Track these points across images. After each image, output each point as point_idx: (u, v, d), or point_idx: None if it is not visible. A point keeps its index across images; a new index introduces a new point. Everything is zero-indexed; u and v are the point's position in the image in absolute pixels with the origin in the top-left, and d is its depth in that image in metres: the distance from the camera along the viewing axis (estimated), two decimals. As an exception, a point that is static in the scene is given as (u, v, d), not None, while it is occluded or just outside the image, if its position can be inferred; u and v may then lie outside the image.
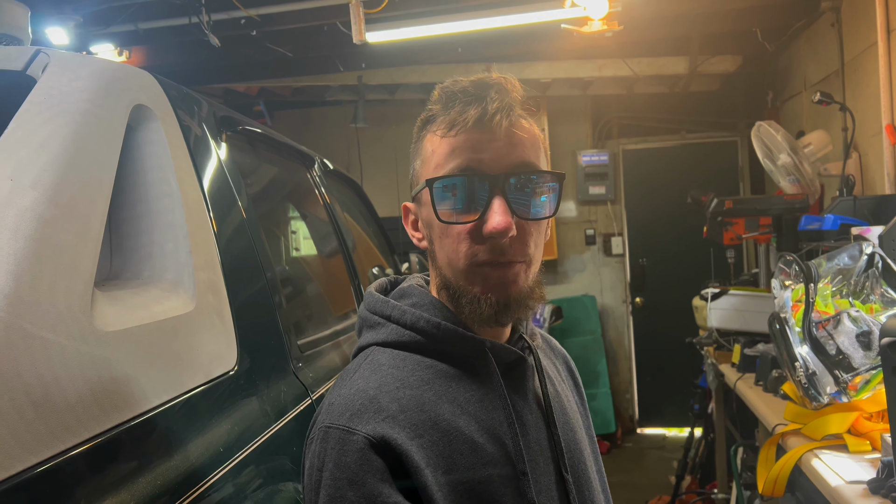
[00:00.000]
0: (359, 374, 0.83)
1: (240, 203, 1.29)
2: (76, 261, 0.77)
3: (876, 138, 2.86)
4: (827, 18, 3.32)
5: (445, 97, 0.84)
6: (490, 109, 0.80)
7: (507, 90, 0.83)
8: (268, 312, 1.27)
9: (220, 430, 0.94)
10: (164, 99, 1.16)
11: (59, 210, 0.78)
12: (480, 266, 0.81)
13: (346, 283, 2.06)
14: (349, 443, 0.75)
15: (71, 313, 0.73)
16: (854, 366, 1.65)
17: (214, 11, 3.04)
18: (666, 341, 5.03)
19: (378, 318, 0.88)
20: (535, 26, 3.26)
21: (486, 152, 0.80)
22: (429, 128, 0.86)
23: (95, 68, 1.04)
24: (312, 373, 1.36)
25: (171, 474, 0.78)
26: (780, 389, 2.11)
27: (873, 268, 1.78)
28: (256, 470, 0.98)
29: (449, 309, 0.86)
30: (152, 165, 1.06)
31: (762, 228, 2.93)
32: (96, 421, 0.71)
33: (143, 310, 0.87)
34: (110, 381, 0.75)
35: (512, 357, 0.87)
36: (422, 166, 0.86)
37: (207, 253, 1.08)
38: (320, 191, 2.07)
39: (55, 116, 0.89)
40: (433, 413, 0.79)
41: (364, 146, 5.14)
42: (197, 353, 0.96)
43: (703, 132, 5.04)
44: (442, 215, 0.81)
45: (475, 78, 0.84)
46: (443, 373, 0.83)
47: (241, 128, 1.53)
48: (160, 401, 0.83)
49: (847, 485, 1.43)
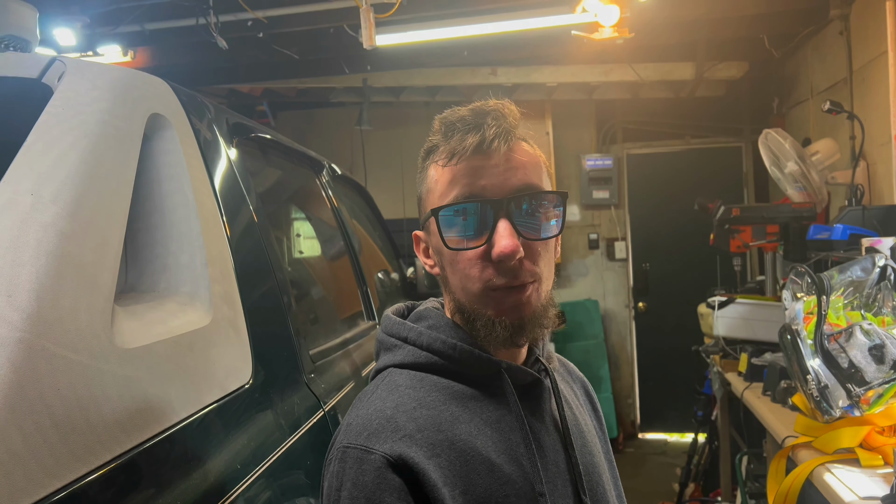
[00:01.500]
0: (376, 395, 0.84)
1: (253, 213, 1.28)
2: (96, 277, 0.76)
3: (885, 147, 2.85)
4: (835, 26, 3.31)
5: (445, 127, 0.86)
6: (488, 136, 0.81)
7: (504, 115, 0.84)
8: (281, 323, 1.26)
9: (236, 445, 0.92)
10: (178, 107, 1.15)
11: (80, 225, 0.77)
12: (494, 290, 0.82)
13: (355, 290, 2.05)
14: (367, 462, 0.75)
15: (92, 331, 0.72)
16: (867, 379, 1.64)
17: (222, 13, 3.03)
18: (668, 347, 5.03)
19: (395, 341, 0.89)
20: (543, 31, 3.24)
21: (488, 178, 0.82)
22: (432, 158, 0.88)
23: (112, 77, 1.03)
24: (324, 383, 1.35)
25: (191, 494, 0.77)
26: (789, 400, 2.10)
27: (885, 280, 1.77)
28: (273, 485, 0.97)
29: (465, 331, 0.87)
30: (168, 175, 1.05)
31: (769, 237, 2.93)
32: (117, 442, 0.70)
33: (160, 325, 0.86)
34: (131, 399, 0.74)
35: (528, 379, 0.88)
36: (427, 196, 0.88)
37: (223, 264, 1.07)
38: (329, 197, 2.06)
39: (73, 128, 0.87)
40: (450, 433, 0.79)
41: (368, 148, 5.13)
42: (213, 367, 0.95)
43: (707, 138, 5.03)
44: (450, 242, 0.82)
45: (472, 106, 0.87)
46: (459, 393, 0.84)
47: (252, 135, 1.52)
48: (178, 418, 0.82)
49: (861, 500, 1.42)
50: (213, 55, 3.48)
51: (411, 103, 4.94)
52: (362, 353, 1.74)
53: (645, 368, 5.28)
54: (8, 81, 1.03)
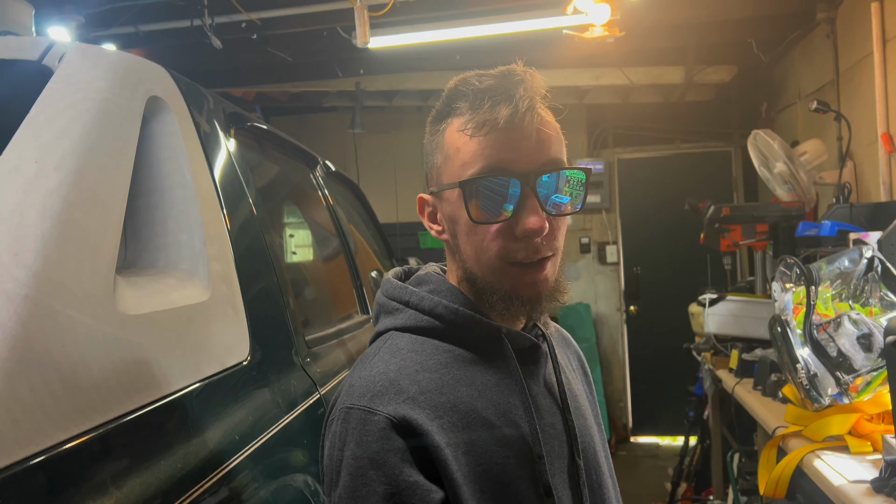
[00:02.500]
0: (378, 358, 0.84)
1: (249, 198, 1.30)
2: (99, 244, 0.77)
3: (871, 147, 2.89)
4: (822, 29, 3.36)
5: (473, 94, 0.82)
6: (521, 108, 0.79)
7: (535, 86, 0.82)
8: (277, 306, 1.27)
9: (235, 418, 0.94)
10: (176, 92, 1.17)
11: (83, 193, 0.78)
12: (513, 265, 0.82)
13: (349, 283, 2.07)
14: (370, 423, 0.76)
15: (95, 295, 0.73)
16: (855, 367, 1.67)
17: (216, 15, 3.05)
18: (660, 350, 5.05)
19: (396, 304, 0.89)
20: (534, 34, 3.28)
21: (517, 151, 0.80)
22: (450, 122, 0.85)
23: (111, 59, 1.05)
24: (320, 368, 1.36)
25: (192, 458, 0.78)
26: (779, 393, 2.12)
27: (873, 271, 1.80)
28: (271, 459, 0.98)
29: (466, 296, 0.87)
30: (166, 156, 1.06)
31: (759, 235, 2.96)
32: (120, 402, 0.71)
33: (161, 296, 0.87)
34: (133, 363, 0.75)
35: (527, 343, 0.89)
36: (445, 162, 0.85)
37: (220, 244, 1.08)
38: (323, 192, 2.07)
39: (75, 103, 0.89)
40: (452, 395, 0.80)
41: (361, 152, 5.15)
42: (212, 341, 0.96)
43: (697, 142, 5.08)
44: (474, 215, 0.81)
45: (499, 72, 0.84)
46: (460, 357, 0.85)
47: (249, 124, 1.54)
48: (178, 386, 0.83)
49: (850, 484, 1.44)
50: (206, 58, 3.50)
51: (404, 108, 4.97)
52: (357, 344, 1.75)
53: (636, 372, 5.30)
54: (9, 64, 1.04)
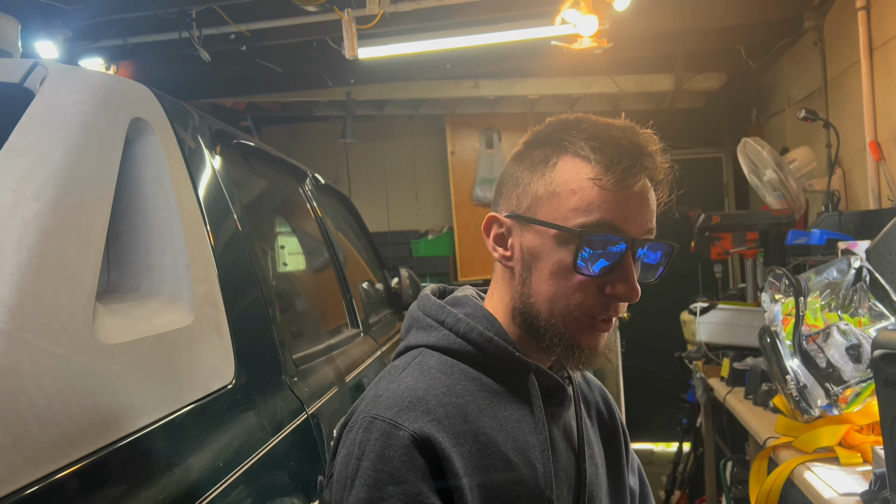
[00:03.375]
0: (407, 373, 0.84)
1: (235, 216, 1.29)
2: (78, 273, 0.76)
3: (860, 154, 2.90)
4: (810, 37, 3.38)
5: (612, 147, 0.82)
6: (655, 179, 0.83)
7: (656, 157, 0.84)
8: (264, 326, 1.26)
9: (219, 444, 0.93)
10: (160, 112, 1.16)
11: (61, 222, 0.77)
12: (586, 317, 0.83)
13: (339, 297, 2.06)
14: (394, 437, 0.75)
15: (74, 325, 0.72)
16: (844, 378, 1.67)
17: (205, 27, 3.04)
18: (653, 356, 5.04)
19: (431, 321, 0.89)
20: (524, 44, 3.29)
21: (633, 215, 0.82)
22: (569, 160, 0.83)
23: (94, 81, 1.04)
24: (307, 387, 1.35)
25: (173, 488, 0.78)
26: (770, 403, 2.12)
27: (861, 282, 1.80)
28: (256, 484, 0.97)
29: (502, 326, 0.87)
30: (150, 178, 1.05)
31: (749, 243, 2.96)
32: (99, 434, 0.70)
33: (143, 322, 0.87)
34: (112, 393, 0.74)
35: (554, 384, 0.89)
36: (550, 198, 0.83)
37: (205, 266, 1.07)
38: (312, 205, 2.07)
39: (56, 128, 0.88)
40: (474, 425, 0.80)
41: (352, 162, 5.14)
42: (196, 366, 0.95)
43: (688, 149, 5.09)
44: (576, 264, 0.81)
45: (634, 132, 0.84)
46: (486, 387, 0.85)
47: (235, 141, 1.53)
48: (161, 414, 0.82)
49: (840, 497, 1.44)
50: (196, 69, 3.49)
51: (395, 116, 4.97)
52: (346, 360, 1.74)
53: (630, 378, 5.29)
54: (-10, 86, 1.03)
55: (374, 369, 1.94)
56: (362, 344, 1.99)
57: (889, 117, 2.65)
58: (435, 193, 5.27)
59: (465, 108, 4.76)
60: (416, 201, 5.30)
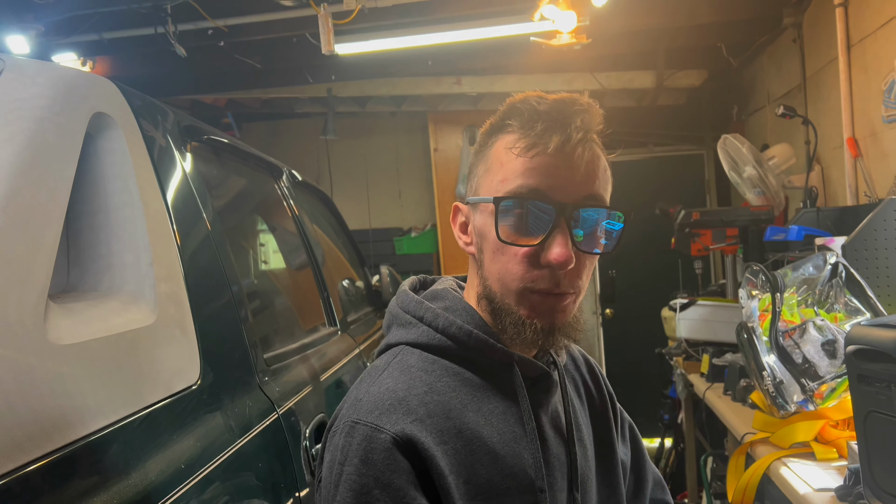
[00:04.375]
0: (388, 373, 0.83)
1: (204, 214, 1.27)
2: (28, 272, 0.74)
3: (837, 151, 2.92)
4: (789, 34, 3.39)
5: (528, 114, 0.81)
6: (574, 138, 0.79)
7: (592, 118, 0.81)
8: (233, 325, 1.24)
9: (181, 446, 0.91)
10: (125, 107, 1.13)
11: (11, 219, 0.75)
12: (532, 292, 0.81)
13: (315, 295, 2.04)
14: (376, 441, 0.74)
15: (23, 326, 0.70)
16: (820, 374, 1.67)
17: (181, 22, 3.01)
18: (636, 352, 5.07)
19: (410, 318, 0.88)
20: (505, 40, 3.28)
21: (559, 179, 0.79)
22: (500, 138, 0.83)
23: (53, 75, 1.01)
24: (279, 387, 1.33)
25: (130, 492, 0.76)
26: (748, 399, 2.12)
27: (837, 277, 1.81)
28: (221, 486, 0.95)
29: (481, 317, 0.86)
30: (112, 175, 1.03)
31: (729, 240, 2.97)
32: (49, 438, 0.68)
33: (100, 322, 0.84)
34: (64, 395, 0.72)
35: (538, 372, 0.87)
36: (485, 175, 0.84)
37: (169, 264, 1.05)
38: (288, 202, 2.04)
39: (9, 122, 0.86)
40: (458, 421, 0.79)
41: (334, 158, 5.12)
42: (158, 366, 0.93)
43: (670, 145, 5.11)
44: (502, 234, 0.79)
45: (560, 98, 0.82)
46: (469, 381, 0.84)
47: (206, 137, 1.51)
48: (118, 416, 0.80)
49: (815, 492, 1.44)
50: (174, 65, 3.46)
51: (377, 113, 4.95)
52: (322, 359, 1.72)
53: (613, 374, 5.28)
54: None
55: (352, 367, 1.92)
56: (339, 342, 1.97)
57: (866, 114, 2.67)
58: (418, 191, 5.26)
59: (448, 105, 4.75)
60: (398, 198, 5.28)
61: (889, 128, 2.49)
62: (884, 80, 2.48)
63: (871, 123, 2.63)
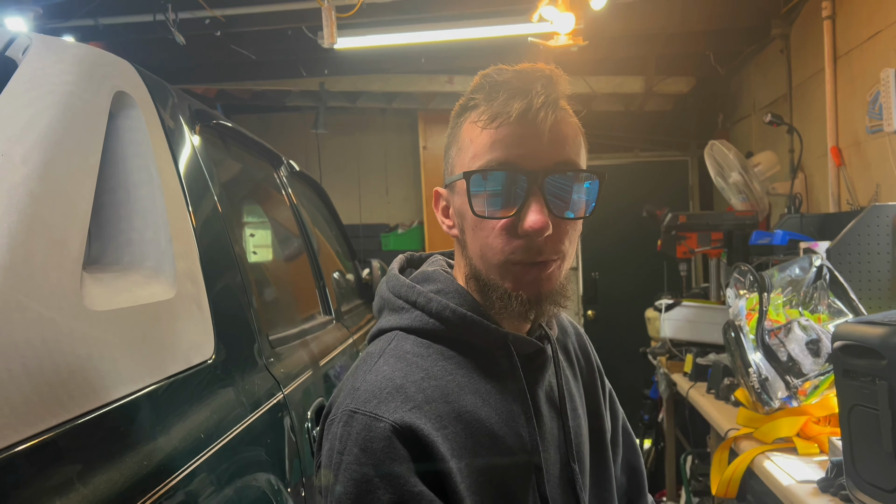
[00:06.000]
0: (383, 360, 0.83)
1: (215, 196, 1.29)
2: (67, 239, 0.76)
3: (821, 160, 3.00)
4: (776, 45, 3.47)
5: (489, 86, 0.81)
6: (535, 104, 0.78)
7: (555, 83, 0.81)
8: (241, 306, 1.26)
9: (199, 416, 0.93)
10: (143, 88, 1.16)
11: (50, 188, 0.77)
12: (515, 264, 0.80)
13: (312, 284, 2.06)
14: (375, 430, 0.74)
15: (62, 290, 0.72)
16: (804, 372, 1.73)
17: (180, 10, 3.01)
18: (616, 354, 5.09)
19: (402, 303, 0.88)
20: (501, 41, 3.32)
21: (527, 147, 0.78)
22: (468, 115, 0.83)
23: (78, 53, 1.03)
24: (283, 368, 1.36)
25: (158, 455, 0.78)
26: (731, 396, 2.18)
27: (821, 280, 1.87)
28: (236, 458, 0.98)
29: (474, 298, 0.86)
30: (132, 153, 1.05)
31: (714, 243, 3.04)
32: (87, 398, 0.70)
33: (127, 293, 0.87)
34: (100, 359, 0.74)
35: (532, 349, 0.88)
36: (458, 155, 0.84)
37: (186, 242, 1.07)
38: (287, 191, 2.07)
39: (42, 96, 0.87)
40: (457, 405, 0.80)
41: (324, 154, 5.12)
42: (178, 339, 0.95)
43: (655, 151, 5.18)
44: (476, 209, 0.79)
45: (521, 68, 0.82)
46: (465, 363, 0.84)
47: (214, 122, 1.53)
48: (145, 383, 0.82)
49: (798, 484, 1.50)
50: (168, 53, 3.45)
51: (368, 109, 4.97)
52: (320, 345, 1.75)
53: (594, 375, 5.36)
54: (-31, 56, 1.02)
55: (347, 357, 1.95)
56: (335, 331, 2.00)
57: (850, 124, 2.75)
58: (406, 188, 5.28)
59: (439, 104, 4.78)
60: (385, 195, 5.30)
61: (872, 138, 2.57)
62: (869, 91, 2.56)
63: (855, 133, 2.71)
